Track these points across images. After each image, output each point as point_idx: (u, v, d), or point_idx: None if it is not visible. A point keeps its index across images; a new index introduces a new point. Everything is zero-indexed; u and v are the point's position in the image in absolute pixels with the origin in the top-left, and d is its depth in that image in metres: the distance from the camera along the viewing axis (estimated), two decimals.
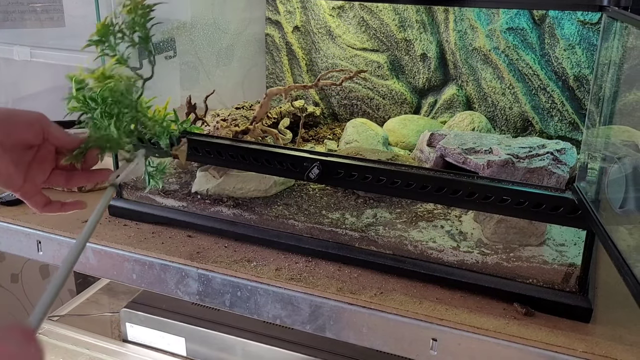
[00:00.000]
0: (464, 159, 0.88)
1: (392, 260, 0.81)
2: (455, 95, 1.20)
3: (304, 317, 0.78)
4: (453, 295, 0.76)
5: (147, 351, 1.19)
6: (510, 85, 1.14)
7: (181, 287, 0.84)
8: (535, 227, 0.81)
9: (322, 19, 1.27)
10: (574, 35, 1.07)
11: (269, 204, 0.92)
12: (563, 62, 1.09)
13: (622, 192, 0.62)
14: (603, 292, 0.78)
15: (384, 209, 0.91)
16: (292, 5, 1.29)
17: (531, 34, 1.10)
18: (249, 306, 0.81)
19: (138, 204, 0.96)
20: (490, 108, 1.18)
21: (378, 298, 0.75)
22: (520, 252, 0.80)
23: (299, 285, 0.78)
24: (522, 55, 1.11)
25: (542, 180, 0.84)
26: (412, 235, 0.84)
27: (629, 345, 0.68)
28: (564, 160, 0.88)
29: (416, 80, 1.23)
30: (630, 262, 0.55)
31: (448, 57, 1.19)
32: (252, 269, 0.81)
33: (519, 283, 0.75)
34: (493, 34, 1.12)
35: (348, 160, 0.79)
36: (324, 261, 0.84)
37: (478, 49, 1.15)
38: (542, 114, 1.14)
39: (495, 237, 0.82)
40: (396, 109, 1.26)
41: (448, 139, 0.95)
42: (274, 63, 1.36)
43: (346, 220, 0.88)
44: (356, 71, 1.08)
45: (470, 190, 0.73)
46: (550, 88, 1.11)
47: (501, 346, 0.69)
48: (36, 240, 0.93)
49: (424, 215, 0.90)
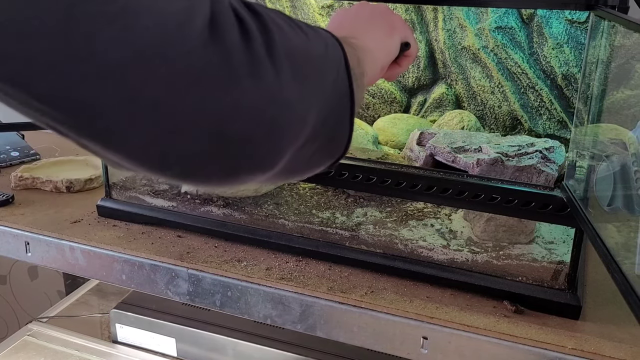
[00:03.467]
0: (454, 157, 0.89)
1: (383, 259, 0.81)
2: (445, 94, 1.20)
3: (294, 316, 0.78)
4: (443, 294, 0.77)
5: (138, 352, 1.18)
6: (499, 84, 1.15)
7: (171, 288, 0.84)
8: (524, 225, 0.81)
9: (312, 18, 1.26)
10: (562, 34, 1.07)
11: (259, 203, 0.92)
12: (551, 61, 1.10)
13: (610, 190, 0.62)
14: (592, 290, 0.79)
15: (374, 208, 0.91)
16: (282, 4, 1.29)
17: (520, 32, 1.11)
18: (239, 306, 0.81)
19: (127, 204, 0.95)
20: (480, 107, 1.18)
21: (368, 297, 0.75)
22: (510, 250, 0.80)
23: (290, 285, 0.78)
24: (510, 54, 1.12)
25: (531, 179, 0.85)
26: (403, 234, 0.84)
27: (618, 341, 0.68)
28: (553, 158, 0.88)
29: (405, 79, 1.23)
30: (619, 260, 0.56)
31: (437, 56, 1.20)
32: (243, 269, 0.81)
33: (508, 281, 0.76)
34: (482, 32, 1.13)
35: None
36: (314, 260, 0.84)
37: (467, 48, 1.15)
38: (531, 112, 1.14)
39: (484, 235, 0.82)
40: (386, 108, 1.26)
41: (438, 138, 0.95)
42: None
43: (336, 219, 0.88)
44: None
45: (460, 188, 0.73)
46: (539, 87, 1.12)
47: (491, 344, 0.69)
48: (24, 242, 0.93)
49: (414, 214, 0.90)
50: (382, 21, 0.64)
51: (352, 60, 0.47)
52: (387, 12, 0.66)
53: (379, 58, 0.62)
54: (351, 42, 0.51)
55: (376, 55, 0.60)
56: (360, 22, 0.63)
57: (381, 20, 0.64)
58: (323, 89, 0.43)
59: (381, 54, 0.62)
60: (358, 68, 0.49)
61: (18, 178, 1.08)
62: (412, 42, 0.69)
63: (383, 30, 0.63)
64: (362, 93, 0.50)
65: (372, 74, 0.60)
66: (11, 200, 1.02)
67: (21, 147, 1.24)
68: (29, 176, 1.09)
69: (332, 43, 0.46)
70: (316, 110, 0.42)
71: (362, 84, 0.51)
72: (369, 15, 0.64)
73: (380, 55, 0.62)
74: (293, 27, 0.42)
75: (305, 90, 0.40)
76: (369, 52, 0.57)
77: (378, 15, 0.64)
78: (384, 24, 0.63)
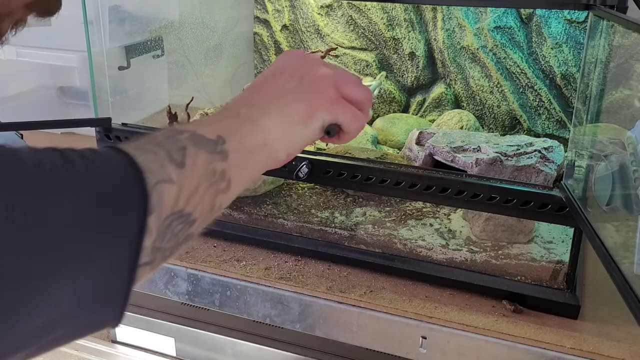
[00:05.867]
0: (453, 157, 0.89)
1: (382, 258, 0.81)
2: (444, 93, 1.20)
3: (293, 316, 0.78)
4: (442, 293, 0.77)
5: (137, 352, 1.18)
6: (498, 83, 1.15)
7: (170, 287, 0.84)
8: (523, 225, 0.81)
9: (311, 17, 1.27)
10: (561, 33, 1.07)
11: (258, 203, 0.92)
12: (550, 61, 1.10)
13: (609, 189, 0.62)
14: (590, 289, 0.79)
15: (373, 208, 0.91)
16: (281, 4, 1.29)
17: (519, 32, 1.11)
18: (238, 305, 0.81)
19: None
20: (479, 106, 1.19)
21: (367, 296, 0.75)
22: (509, 250, 0.80)
23: (289, 285, 0.78)
24: (509, 54, 1.12)
25: (530, 178, 0.85)
26: (401, 233, 0.84)
27: (616, 341, 0.68)
28: (552, 158, 0.88)
29: (405, 79, 1.23)
30: (617, 259, 0.56)
31: (436, 56, 1.20)
32: (242, 269, 0.81)
33: (507, 280, 0.76)
34: (481, 32, 1.13)
35: (337, 159, 0.79)
36: (313, 260, 0.84)
37: (466, 48, 1.15)
38: (530, 112, 1.14)
39: (483, 235, 0.82)
40: (385, 108, 1.26)
41: (437, 138, 0.95)
42: (263, 62, 1.35)
43: (335, 219, 0.88)
44: (327, 50, 1.07)
45: (459, 188, 0.73)
46: (538, 86, 1.12)
47: (490, 343, 0.69)
48: None
49: (413, 213, 0.90)
50: (304, 104, 0.49)
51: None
52: (322, 88, 0.50)
53: (277, 146, 0.47)
54: (237, 113, 0.45)
55: (274, 140, 0.46)
56: (279, 92, 0.49)
57: (303, 103, 0.49)
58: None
59: (283, 142, 0.47)
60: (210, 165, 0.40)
61: None
62: (349, 122, 0.51)
63: (299, 115, 0.48)
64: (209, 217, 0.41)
65: (258, 164, 0.47)
66: None
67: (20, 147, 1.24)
68: None
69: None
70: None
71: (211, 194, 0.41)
72: (295, 88, 0.49)
73: (278, 144, 0.47)
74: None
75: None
76: (259, 133, 0.45)
77: (305, 92, 0.49)
78: (303, 108, 0.48)
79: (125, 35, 1.04)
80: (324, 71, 0.51)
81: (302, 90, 0.49)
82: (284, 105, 0.48)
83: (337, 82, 0.50)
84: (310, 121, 0.49)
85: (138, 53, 1.06)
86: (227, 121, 0.45)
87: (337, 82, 0.50)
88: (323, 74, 0.51)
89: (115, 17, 1.00)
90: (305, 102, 0.49)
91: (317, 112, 0.49)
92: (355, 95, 0.52)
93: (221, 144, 0.42)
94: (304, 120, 0.48)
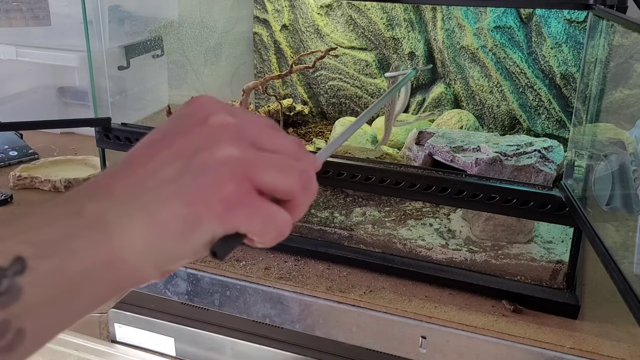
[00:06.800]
0: (452, 157, 0.89)
1: (381, 258, 0.81)
2: (443, 93, 1.20)
3: (293, 316, 0.78)
4: (442, 293, 0.77)
5: (136, 351, 1.18)
6: (497, 83, 1.15)
7: (170, 287, 0.84)
8: (523, 225, 0.81)
9: (310, 17, 1.26)
10: (560, 33, 1.07)
11: None
12: (550, 61, 1.10)
13: (609, 189, 0.62)
14: (590, 289, 0.79)
15: (373, 208, 0.91)
16: (280, 3, 1.29)
17: (518, 32, 1.11)
18: (238, 305, 0.81)
19: None
20: (478, 106, 1.19)
21: (367, 296, 0.75)
22: (509, 250, 0.80)
23: (288, 284, 0.78)
24: (509, 54, 1.12)
25: (529, 178, 0.85)
26: (401, 233, 0.84)
27: (616, 341, 0.68)
28: (551, 158, 0.88)
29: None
30: (617, 259, 0.56)
31: (436, 56, 1.20)
32: (241, 268, 0.81)
33: (507, 280, 0.76)
34: (480, 32, 1.13)
35: (337, 158, 0.79)
36: (313, 260, 0.84)
37: (466, 48, 1.15)
38: (530, 112, 1.14)
39: (483, 235, 0.82)
40: (384, 108, 1.26)
41: (436, 138, 0.95)
42: (262, 62, 1.35)
43: (335, 218, 0.88)
44: (326, 50, 1.07)
45: (459, 188, 0.73)
46: (537, 86, 1.12)
47: (490, 343, 0.69)
48: None
49: (412, 213, 0.90)
50: (184, 207, 0.31)
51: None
52: (216, 180, 0.31)
53: (138, 262, 0.32)
54: (81, 209, 0.31)
55: (134, 253, 0.31)
56: (151, 180, 0.32)
57: (182, 205, 0.31)
58: None
59: (148, 257, 0.32)
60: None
61: (16, 177, 1.08)
62: (259, 231, 0.33)
63: (174, 223, 0.31)
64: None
65: (99, 292, 0.31)
66: (10, 199, 1.02)
67: (19, 147, 1.24)
68: (27, 176, 1.08)
69: None
70: None
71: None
72: (176, 176, 0.32)
73: (141, 259, 0.32)
74: None
75: None
76: (104, 246, 0.31)
77: (189, 185, 0.31)
78: (181, 213, 0.31)
79: (124, 35, 1.04)
80: (226, 151, 0.32)
81: (186, 182, 0.31)
82: (154, 203, 0.31)
83: (246, 167, 0.32)
84: (191, 235, 0.31)
85: (138, 53, 1.06)
86: (58, 224, 0.30)
87: (247, 168, 0.32)
88: (223, 156, 0.32)
89: (114, 17, 1.00)
90: (185, 203, 0.31)
91: (202, 221, 0.31)
92: (282, 184, 0.33)
93: (12, 275, 0.28)
94: (182, 232, 0.31)
